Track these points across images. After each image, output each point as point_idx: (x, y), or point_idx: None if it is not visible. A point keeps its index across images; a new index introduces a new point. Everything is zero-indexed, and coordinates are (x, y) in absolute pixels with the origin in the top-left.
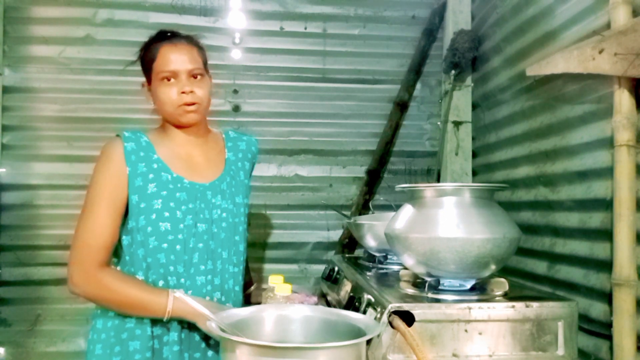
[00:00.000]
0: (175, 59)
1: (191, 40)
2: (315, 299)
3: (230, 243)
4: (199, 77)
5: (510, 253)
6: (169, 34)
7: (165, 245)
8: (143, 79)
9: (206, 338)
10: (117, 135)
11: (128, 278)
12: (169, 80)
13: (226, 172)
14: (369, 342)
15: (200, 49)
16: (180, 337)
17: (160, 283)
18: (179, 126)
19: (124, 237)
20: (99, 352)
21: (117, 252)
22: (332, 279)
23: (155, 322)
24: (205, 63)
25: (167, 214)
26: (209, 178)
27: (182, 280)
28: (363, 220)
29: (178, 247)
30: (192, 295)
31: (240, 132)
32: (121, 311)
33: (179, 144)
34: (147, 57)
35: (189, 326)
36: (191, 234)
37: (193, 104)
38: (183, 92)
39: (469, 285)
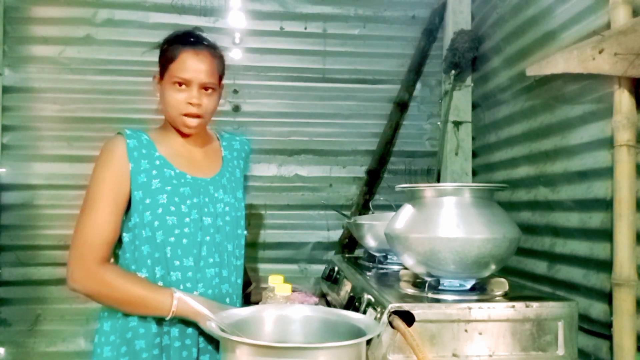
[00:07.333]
0: (193, 67)
1: (214, 50)
2: (315, 299)
3: (233, 236)
4: (210, 90)
5: (510, 253)
6: (193, 39)
7: (172, 239)
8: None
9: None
10: (119, 133)
11: (129, 275)
12: (180, 85)
13: (225, 168)
14: (369, 342)
15: (221, 59)
16: (186, 332)
17: (168, 278)
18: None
19: (125, 234)
20: (108, 354)
21: (114, 250)
22: (332, 279)
23: (158, 318)
24: (221, 75)
25: (172, 209)
26: (210, 174)
27: (190, 273)
28: (363, 220)
29: (185, 240)
30: (202, 287)
31: (232, 133)
32: (122, 309)
33: (179, 143)
34: (167, 54)
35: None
36: (198, 228)
37: (197, 116)
38: (190, 103)
39: (469, 285)
